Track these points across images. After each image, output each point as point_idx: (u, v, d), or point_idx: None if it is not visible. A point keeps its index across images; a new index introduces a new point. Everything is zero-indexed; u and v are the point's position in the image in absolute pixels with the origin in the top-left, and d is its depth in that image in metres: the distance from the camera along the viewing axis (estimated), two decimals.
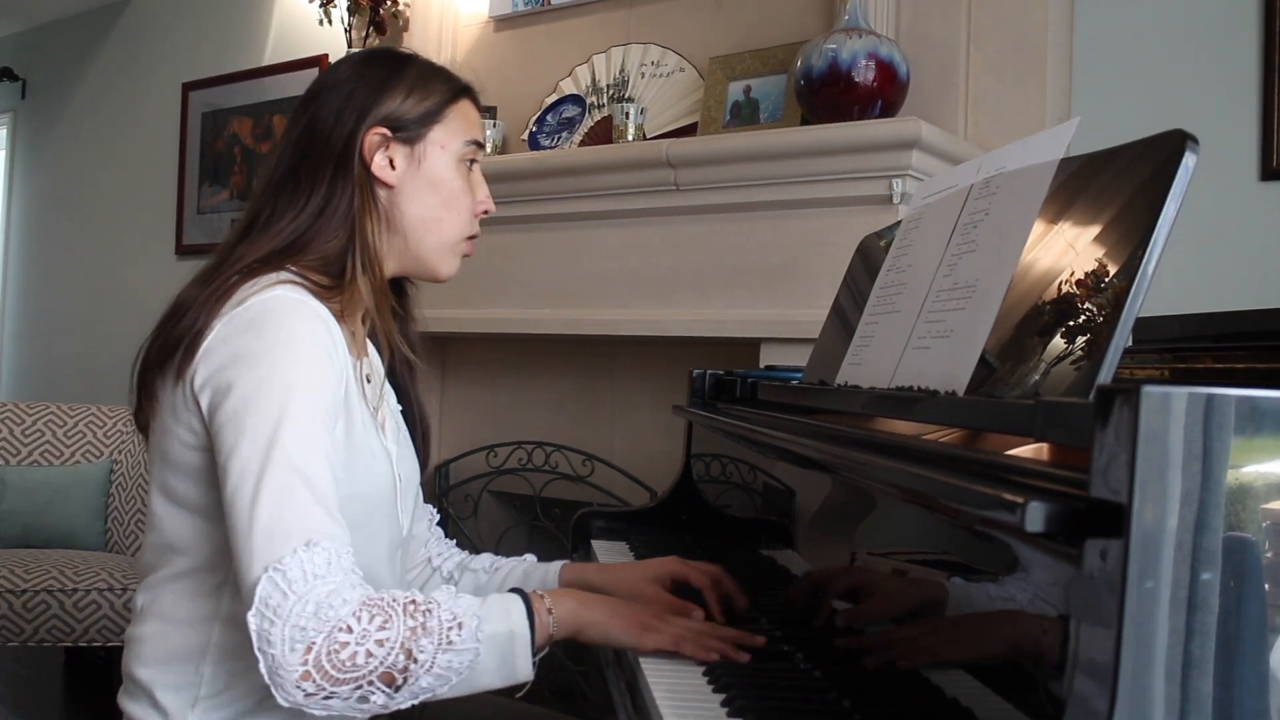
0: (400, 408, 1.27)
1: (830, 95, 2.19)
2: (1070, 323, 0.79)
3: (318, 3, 3.38)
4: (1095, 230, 0.83)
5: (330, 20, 3.35)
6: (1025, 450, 0.78)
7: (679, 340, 2.49)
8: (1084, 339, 0.76)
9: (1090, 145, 0.92)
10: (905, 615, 0.89)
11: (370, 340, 1.21)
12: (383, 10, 3.24)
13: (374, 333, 1.21)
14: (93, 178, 4.66)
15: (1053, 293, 0.83)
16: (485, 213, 1.24)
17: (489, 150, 2.85)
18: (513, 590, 1.06)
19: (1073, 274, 0.81)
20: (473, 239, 1.24)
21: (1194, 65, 2.22)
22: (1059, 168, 0.92)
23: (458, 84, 1.23)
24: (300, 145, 1.17)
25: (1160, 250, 0.73)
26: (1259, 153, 2.15)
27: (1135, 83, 2.28)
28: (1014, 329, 0.87)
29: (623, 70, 2.83)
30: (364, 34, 3.25)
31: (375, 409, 1.16)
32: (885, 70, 2.18)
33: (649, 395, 2.76)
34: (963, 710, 0.74)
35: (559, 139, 2.88)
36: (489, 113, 2.96)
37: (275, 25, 3.93)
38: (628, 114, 2.61)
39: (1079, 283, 0.80)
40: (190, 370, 1.04)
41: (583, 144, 2.81)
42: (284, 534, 0.94)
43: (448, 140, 1.20)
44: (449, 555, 1.39)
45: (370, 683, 0.93)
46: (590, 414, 2.88)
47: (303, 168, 1.15)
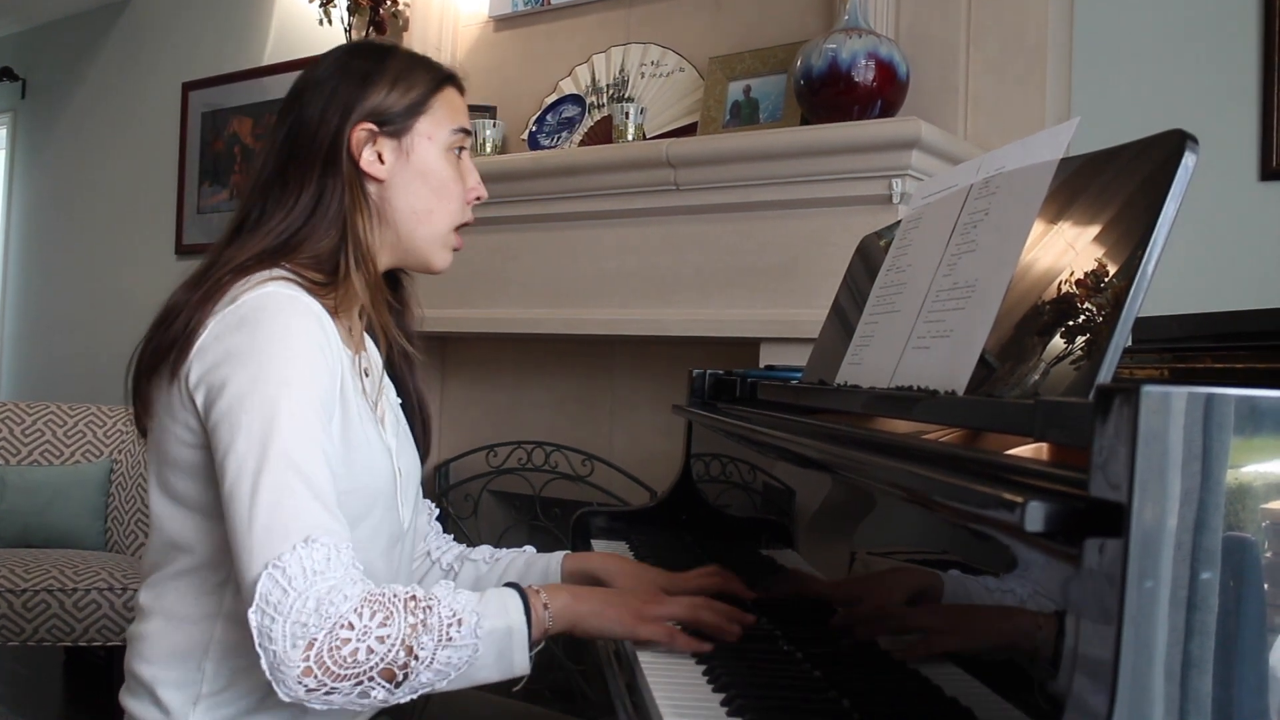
0: (400, 400, 1.27)
1: (830, 95, 2.19)
2: (1070, 322, 0.79)
3: (318, 2, 3.38)
4: (1095, 230, 0.83)
5: (330, 20, 3.35)
6: (1025, 450, 0.78)
7: (679, 340, 2.49)
8: (1084, 339, 0.76)
9: (1090, 145, 0.92)
10: (906, 614, 0.89)
11: (368, 334, 1.21)
12: (382, 10, 3.24)
13: (371, 326, 1.21)
14: (93, 178, 4.66)
15: (1052, 292, 0.83)
16: (477, 199, 1.24)
17: (489, 150, 2.85)
18: (509, 585, 1.07)
19: (1072, 274, 0.81)
20: (464, 228, 1.24)
21: (1194, 65, 2.22)
22: (1059, 168, 0.92)
23: (441, 72, 1.23)
24: (287, 145, 1.16)
25: (1160, 250, 0.73)
26: (1259, 152, 2.15)
27: (1135, 83, 2.28)
28: (1014, 329, 0.87)
29: (622, 70, 2.83)
30: (364, 34, 3.25)
31: (374, 403, 1.16)
32: (885, 70, 2.18)
33: (649, 395, 2.76)
34: (962, 709, 0.74)
35: (559, 139, 2.88)
36: (489, 112, 2.96)
37: (275, 25, 3.93)
38: (627, 114, 2.61)
39: (1079, 282, 0.80)
40: (184, 369, 1.04)
41: (582, 144, 2.81)
42: (283, 531, 0.95)
43: (435, 130, 1.19)
44: (448, 548, 1.39)
45: (371, 678, 0.94)
46: (590, 414, 2.88)
47: (290, 168, 1.15)
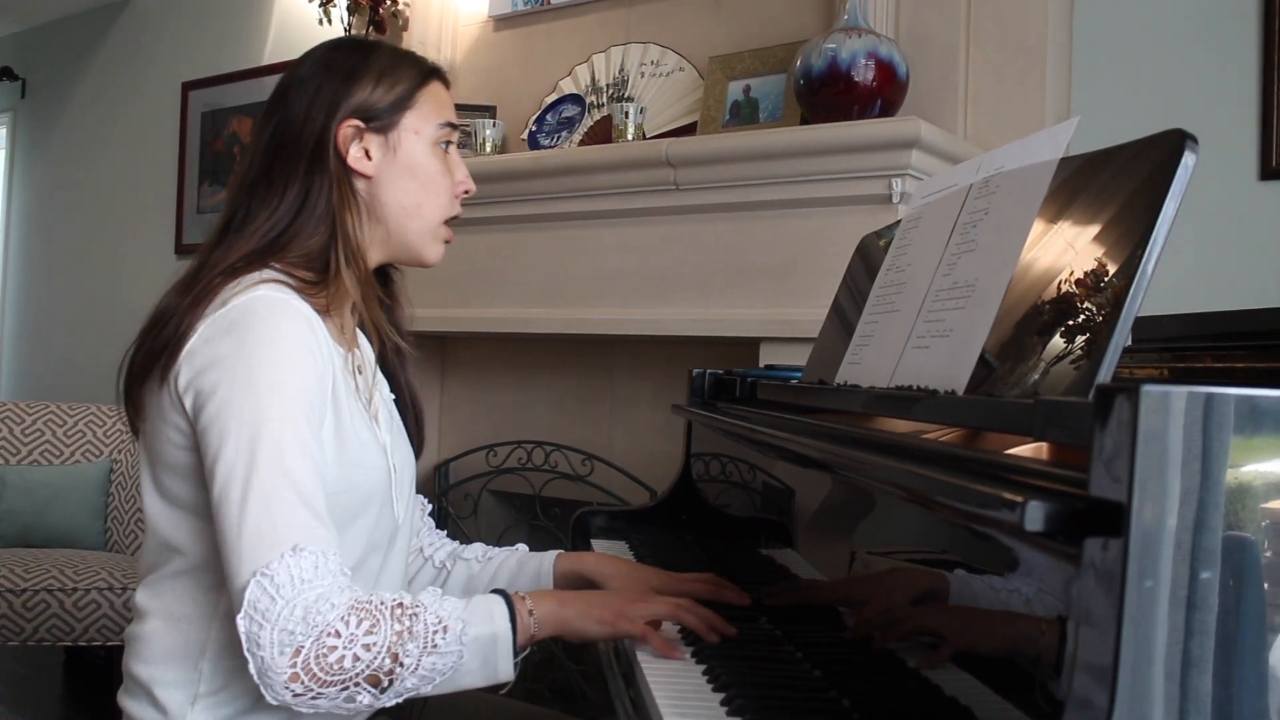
0: (393, 396, 1.26)
1: (830, 95, 2.19)
2: (1070, 322, 0.79)
3: (317, 2, 3.38)
4: (1094, 229, 0.83)
5: (330, 20, 3.35)
6: (1025, 449, 0.78)
7: (678, 340, 2.49)
8: (1083, 338, 0.76)
9: (1089, 145, 0.92)
10: (905, 615, 0.89)
11: (361, 330, 1.21)
12: (382, 9, 3.24)
13: (363, 322, 1.21)
14: (92, 177, 4.66)
15: (1052, 292, 0.83)
16: (466, 193, 1.23)
17: (489, 150, 2.85)
18: (495, 591, 1.07)
19: (1072, 273, 0.81)
20: (455, 222, 1.24)
21: (1194, 65, 2.22)
22: (1058, 167, 0.92)
23: (425, 66, 1.22)
24: (272, 144, 1.16)
25: (1160, 249, 0.73)
26: (1258, 152, 2.15)
27: (1135, 82, 2.28)
28: (1013, 328, 0.87)
29: (622, 70, 2.82)
30: (364, 33, 3.25)
31: (368, 400, 1.16)
32: (885, 70, 2.18)
33: (648, 394, 2.76)
34: (962, 709, 0.74)
35: (558, 138, 2.88)
36: (489, 112, 2.97)
37: (275, 25, 3.93)
38: (627, 113, 2.61)
39: (1078, 282, 0.80)
40: (174, 373, 1.05)
41: (582, 143, 2.81)
42: (272, 539, 0.96)
43: (421, 125, 1.19)
44: (440, 545, 1.39)
45: (357, 684, 0.95)
46: (590, 413, 2.88)
47: (276, 166, 1.14)
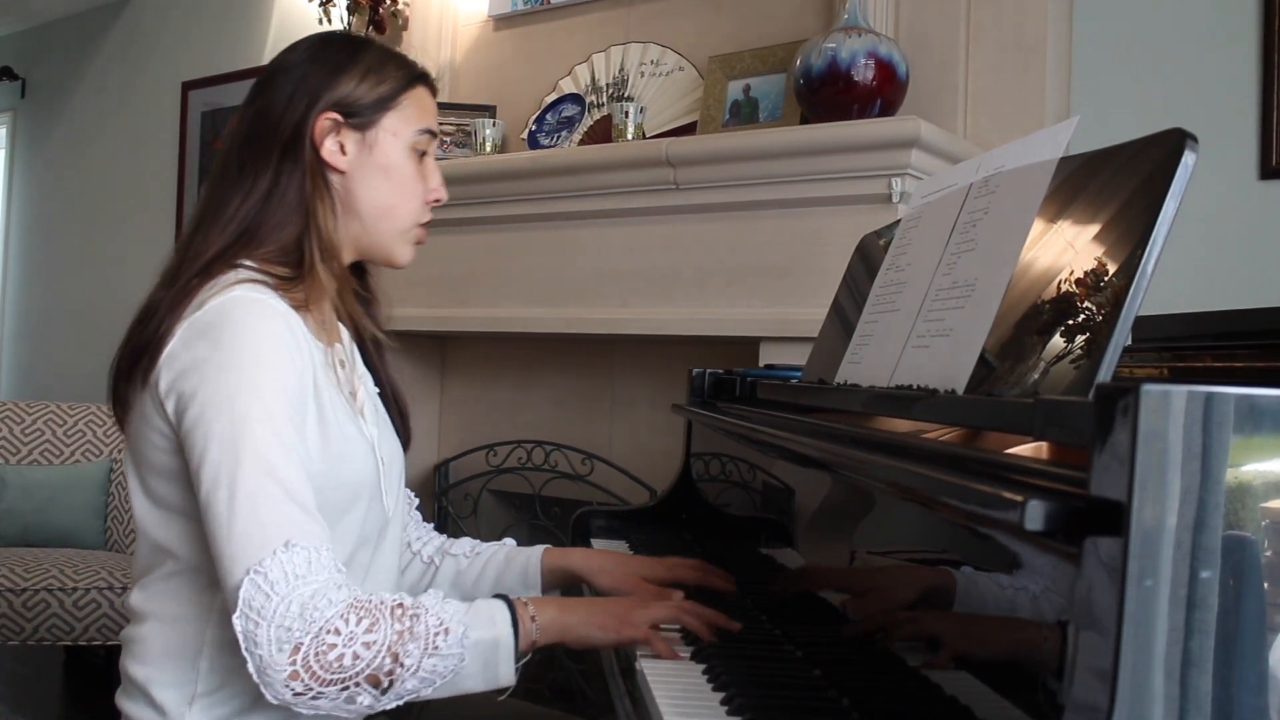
0: (377, 391, 1.26)
1: (830, 94, 2.19)
2: (1069, 321, 0.79)
3: (317, 2, 3.38)
4: (1094, 229, 0.83)
5: (330, 19, 3.35)
6: (1025, 449, 0.78)
7: (678, 339, 2.49)
8: (1083, 338, 0.76)
9: (1089, 144, 0.92)
10: (905, 613, 0.89)
11: (343, 324, 1.21)
12: (382, 9, 3.24)
13: (342, 317, 1.21)
14: (92, 177, 4.66)
15: (1052, 291, 0.83)
16: (437, 201, 1.23)
17: (489, 149, 2.85)
18: (498, 596, 1.07)
19: (1072, 273, 0.81)
20: (425, 226, 1.23)
21: (1194, 64, 2.22)
22: (1058, 167, 0.92)
23: (414, 70, 1.22)
24: (251, 129, 1.15)
25: (1160, 249, 0.73)
26: (1258, 151, 2.15)
27: (1134, 82, 2.28)
28: (1013, 328, 0.87)
29: (622, 69, 2.82)
30: (364, 33, 3.25)
31: (352, 394, 1.16)
32: (884, 69, 2.18)
33: (648, 394, 2.76)
34: (961, 708, 0.74)
35: (558, 138, 2.88)
36: (489, 111, 2.97)
37: (274, 24, 3.93)
38: (627, 113, 2.61)
39: (1078, 281, 0.80)
40: (154, 377, 1.05)
41: (582, 143, 2.81)
42: (262, 537, 0.95)
43: (400, 127, 1.18)
44: (428, 539, 1.38)
45: (357, 684, 0.95)
46: (590, 413, 2.88)
47: (251, 152, 1.14)
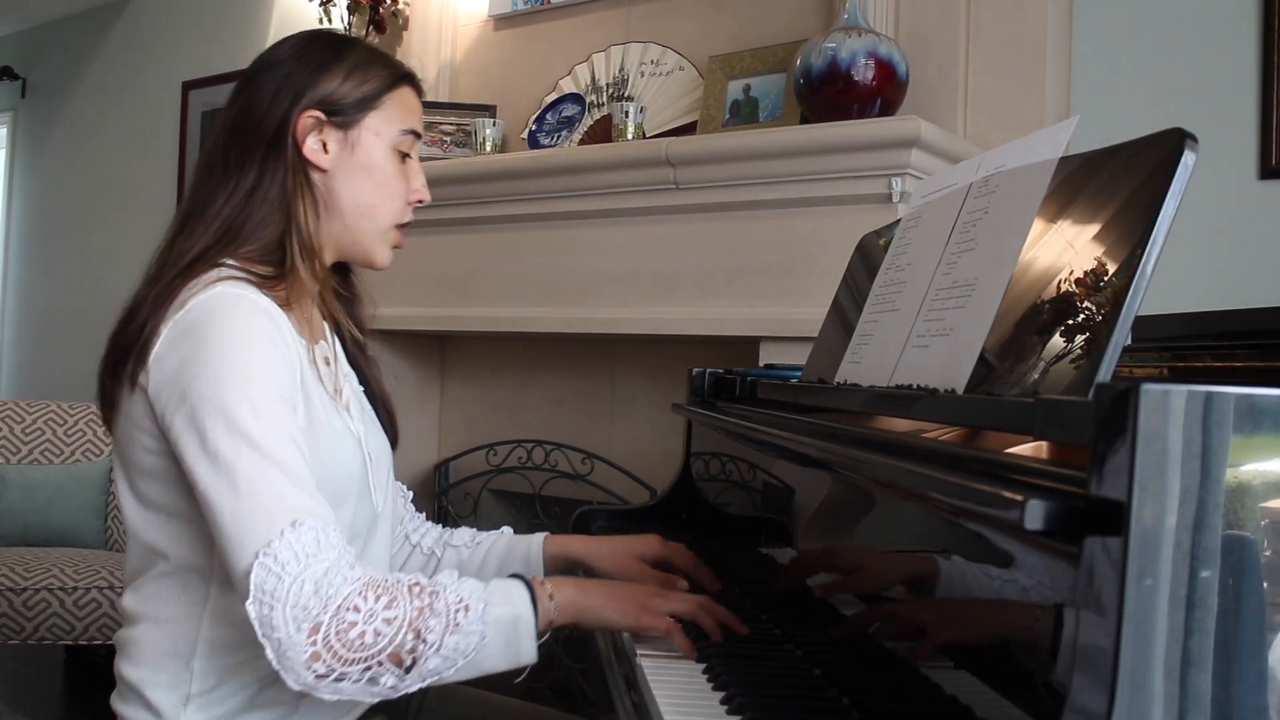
0: (362, 388, 1.26)
1: (830, 94, 2.19)
2: (1069, 321, 0.79)
3: (317, 2, 3.38)
4: (1094, 229, 0.83)
5: (330, 19, 3.35)
6: (1024, 448, 0.78)
7: (678, 339, 2.49)
8: (1083, 337, 0.76)
9: (1089, 144, 0.92)
10: (904, 606, 0.89)
11: (326, 323, 1.21)
12: (382, 9, 3.24)
13: (324, 315, 1.21)
14: (93, 177, 4.66)
15: (1052, 291, 0.83)
16: (419, 201, 1.22)
17: (489, 149, 2.85)
18: (514, 576, 1.07)
19: (1072, 272, 0.81)
20: (404, 228, 1.23)
21: (1194, 64, 2.22)
22: (1058, 166, 0.92)
23: (399, 70, 1.21)
24: (235, 126, 1.15)
25: (1159, 248, 0.73)
26: (1258, 151, 2.15)
27: (1134, 81, 2.28)
28: (1013, 327, 0.87)
29: (622, 69, 2.82)
30: (364, 32, 3.25)
31: (337, 390, 1.16)
32: (884, 69, 2.18)
33: (648, 393, 2.76)
34: (961, 708, 0.74)
35: (558, 138, 2.88)
36: (489, 111, 2.97)
37: (275, 24, 3.93)
38: (627, 113, 2.61)
39: (1078, 281, 0.80)
40: (142, 379, 1.05)
41: (582, 143, 2.81)
42: (267, 519, 0.94)
43: (383, 127, 1.18)
44: (426, 531, 1.38)
45: (380, 662, 0.93)
46: (590, 412, 2.88)
47: (233, 150, 1.14)
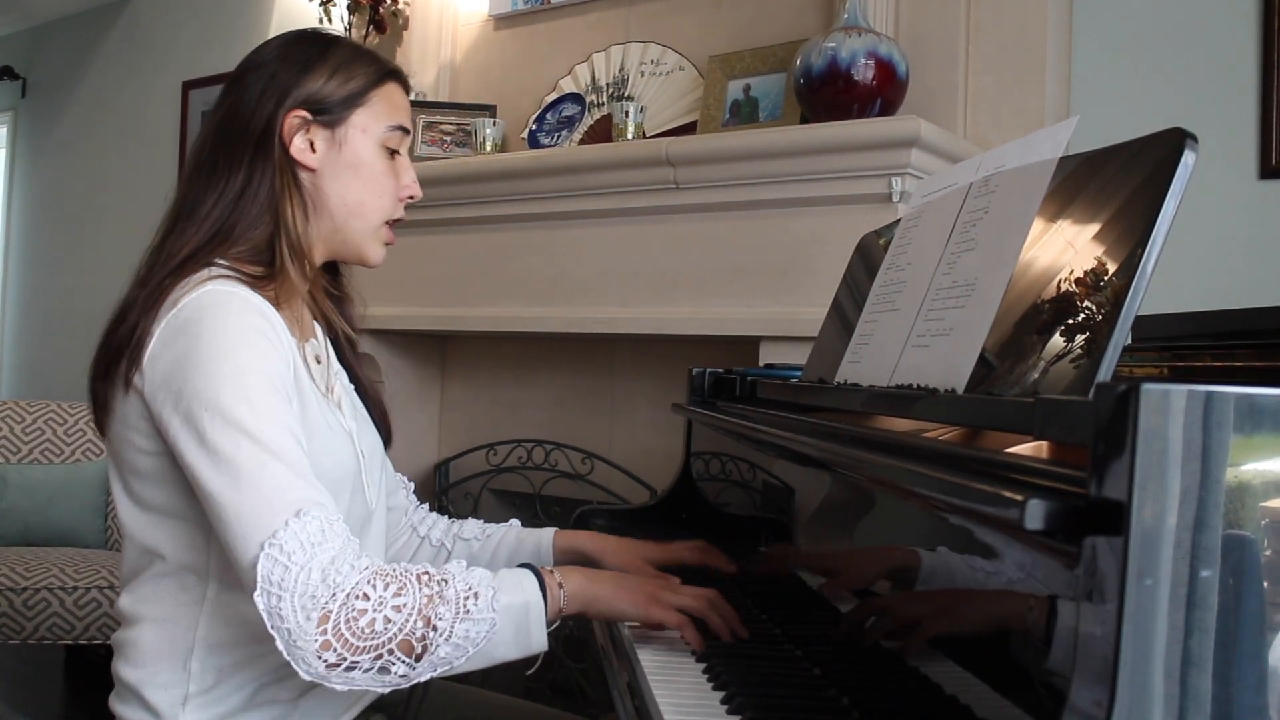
0: (353, 387, 1.26)
1: (830, 94, 2.19)
2: (1069, 321, 0.79)
3: (317, 2, 3.38)
4: (1094, 228, 0.83)
5: (330, 19, 3.35)
6: (1025, 448, 0.78)
7: (679, 338, 2.49)
8: (1083, 337, 0.76)
9: (1089, 144, 0.92)
10: (904, 603, 0.89)
11: (317, 322, 1.22)
12: (382, 9, 3.24)
13: (314, 314, 1.21)
14: (93, 176, 4.66)
15: (1052, 291, 0.83)
16: (411, 198, 1.23)
17: (489, 149, 2.85)
18: (523, 565, 1.07)
19: (1072, 272, 0.82)
20: (395, 224, 1.23)
21: (1193, 64, 2.22)
22: (1058, 166, 0.92)
23: (384, 67, 1.21)
24: (222, 128, 1.15)
25: (1159, 248, 0.73)
26: (1258, 151, 2.15)
27: (1134, 81, 2.28)
28: (1013, 327, 0.87)
29: (622, 69, 2.82)
30: (364, 32, 3.25)
31: (329, 388, 1.16)
32: (884, 69, 2.18)
33: (649, 393, 2.76)
34: (961, 707, 0.74)
35: (558, 137, 2.88)
36: (489, 111, 2.97)
37: (275, 24, 3.93)
38: (627, 112, 2.61)
39: (1078, 281, 0.80)
40: (137, 380, 1.04)
41: (582, 142, 2.81)
42: (270, 510, 0.94)
43: (370, 124, 1.18)
44: (434, 523, 1.38)
45: (390, 651, 0.93)
46: (590, 412, 2.88)
47: (221, 152, 1.14)
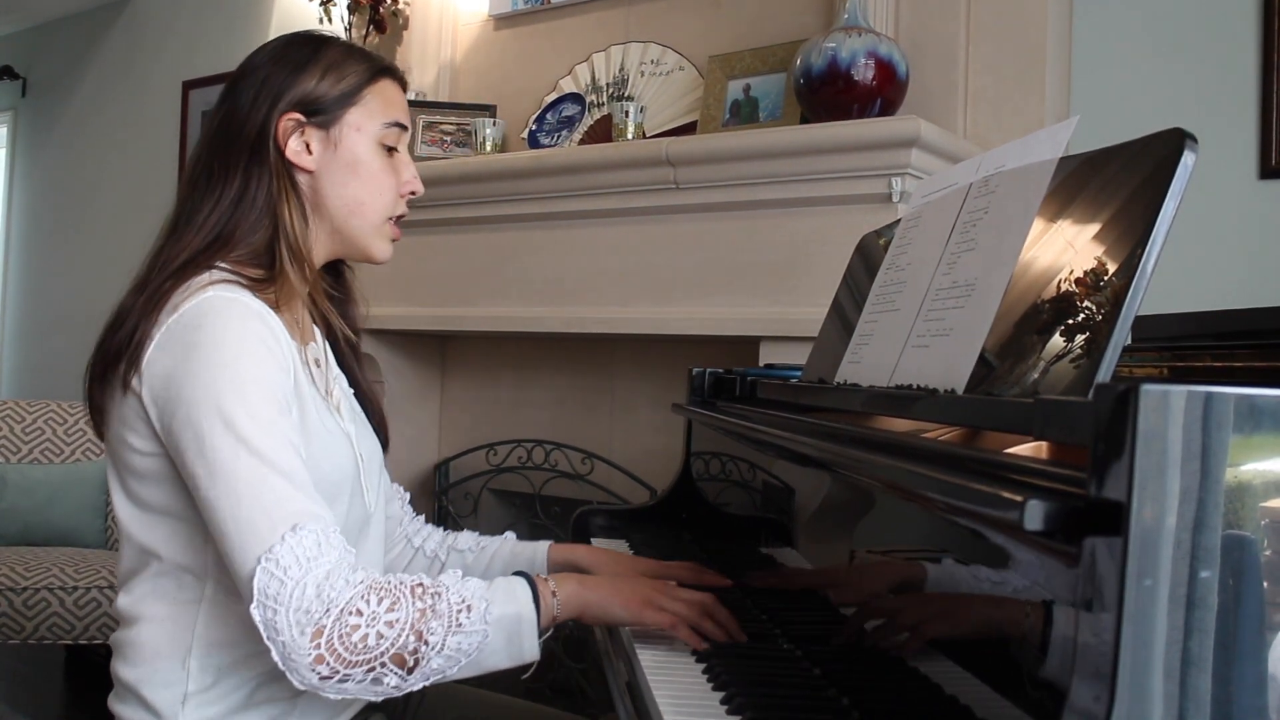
0: (352, 391, 1.26)
1: (830, 94, 2.19)
2: (1069, 321, 0.79)
3: (317, 2, 3.38)
4: (1094, 228, 0.83)
5: (330, 19, 3.35)
6: (1024, 449, 0.78)
7: (679, 338, 2.49)
8: (1083, 337, 0.76)
9: (1089, 144, 0.92)
10: (904, 606, 0.89)
11: (316, 325, 1.22)
12: (382, 9, 3.24)
13: (315, 317, 1.21)
14: (93, 176, 4.66)
15: (1052, 291, 0.83)
16: (412, 194, 1.22)
17: (489, 149, 2.85)
18: (517, 574, 1.07)
19: (1072, 272, 0.82)
20: (399, 220, 1.22)
21: (1193, 64, 2.22)
22: (1058, 166, 0.92)
23: (377, 64, 1.21)
24: (218, 135, 1.15)
25: (1159, 248, 0.73)
26: (1258, 151, 2.15)
27: (1134, 82, 2.28)
28: (1013, 327, 0.87)
29: (622, 69, 2.82)
30: (364, 33, 3.25)
31: (328, 392, 1.16)
32: (884, 69, 2.18)
33: (649, 393, 2.76)
34: (961, 708, 0.74)
35: (558, 137, 2.88)
36: (489, 111, 2.96)
37: (275, 24, 3.93)
38: (627, 112, 2.61)
39: (1078, 281, 0.80)
40: (136, 383, 1.04)
41: (582, 142, 2.81)
42: (268, 524, 0.95)
43: (365, 122, 1.17)
44: (429, 534, 1.38)
45: (383, 664, 0.94)
46: (590, 412, 2.88)
47: (218, 159, 1.14)
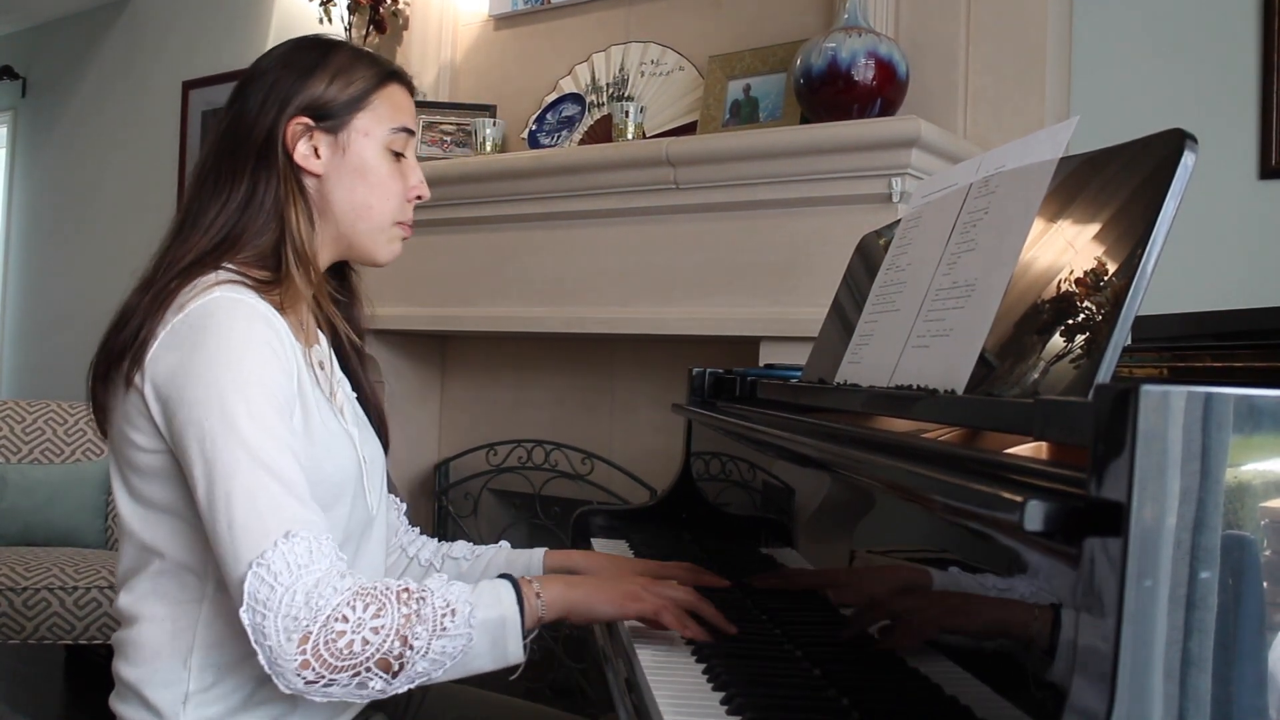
0: (355, 394, 1.26)
1: (830, 94, 2.19)
2: (1069, 321, 0.79)
3: (317, 2, 3.38)
4: (1094, 229, 0.83)
5: (330, 19, 3.35)
6: (1024, 449, 0.78)
7: (679, 338, 2.49)
8: (1083, 337, 0.76)
9: (1089, 144, 0.92)
10: (904, 608, 0.89)
11: (320, 329, 1.22)
12: (382, 9, 3.24)
13: (319, 320, 1.21)
14: (93, 176, 4.66)
15: (1052, 291, 0.83)
16: (419, 198, 1.23)
17: (489, 149, 2.85)
18: (502, 576, 1.07)
19: (1072, 272, 0.82)
20: (407, 224, 1.23)
21: (1193, 65, 2.22)
22: (1058, 167, 0.92)
23: (385, 69, 1.21)
24: (225, 138, 1.16)
25: (1159, 249, 0.73)
26: (1258, 151, 2.15)
27: (1134, 82, 2.28)
28: (1013, 327, 0.87)
29: (622, 69, 2.82)
30: (364, 32, 3.25)
31: (332, 394, 1.17)
32: (884, 69, 2.18)
33: (649, 393, 2.76)
34: (961, 708, 0.74)
35: (558, 137, 2.88)
36: (489, 111, 2.97)
37: (275, 24, 3.93)
38: (627, 112, 2.61)
39: (1078, 281, 0.80)
40: (139, 380, 1.05)
41: (582, 142, 2.81)
42: (262, 529, 0.96)
43: (373, 127, 1.18)
44: (423, 544, 1.39)
45: (368, 669, 0.95)
46: (590, 412, 2.88)
47: (225, 161, 1.15)
